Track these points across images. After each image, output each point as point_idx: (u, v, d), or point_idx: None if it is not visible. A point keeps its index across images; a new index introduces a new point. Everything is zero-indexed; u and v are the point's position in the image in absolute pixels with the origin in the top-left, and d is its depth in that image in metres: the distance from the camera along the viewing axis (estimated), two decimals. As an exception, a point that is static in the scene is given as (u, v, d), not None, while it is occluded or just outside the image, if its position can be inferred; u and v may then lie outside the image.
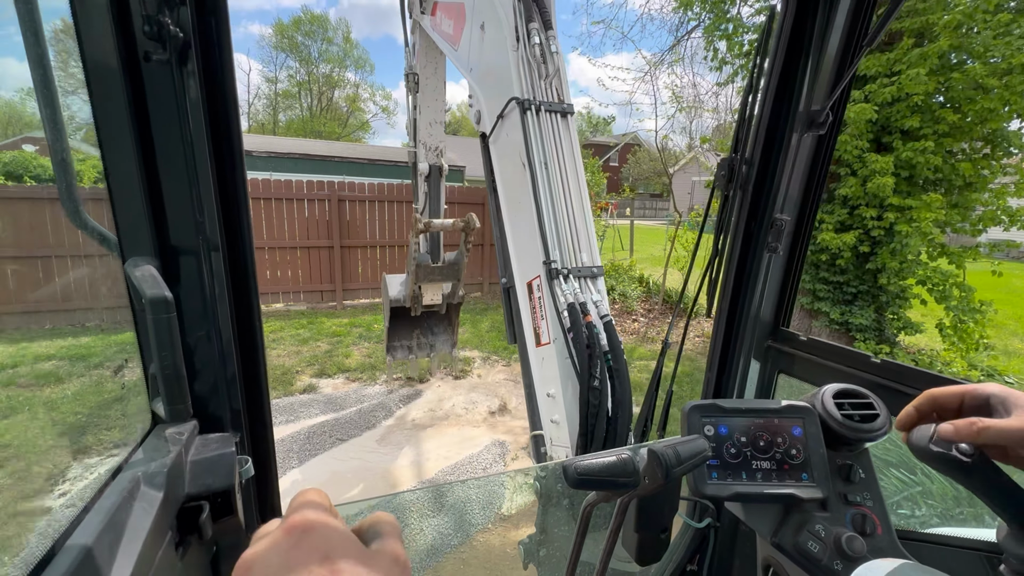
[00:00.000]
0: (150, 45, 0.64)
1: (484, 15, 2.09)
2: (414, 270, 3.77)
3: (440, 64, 3.67)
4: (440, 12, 2.70)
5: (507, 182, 1.99)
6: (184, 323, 0.74)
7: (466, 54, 2.32)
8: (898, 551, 0.87)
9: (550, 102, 1.87)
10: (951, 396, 0.71)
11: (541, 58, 1.89)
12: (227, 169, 0.75)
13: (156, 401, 0.73)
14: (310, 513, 0.40)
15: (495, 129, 2.00)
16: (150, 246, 0.71)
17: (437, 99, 3.81)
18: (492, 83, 2.06)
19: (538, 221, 1.72)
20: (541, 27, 1.92)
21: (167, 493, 0.61)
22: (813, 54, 1.25)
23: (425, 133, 3.88)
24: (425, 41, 3.37)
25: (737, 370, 1.53)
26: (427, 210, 4.05)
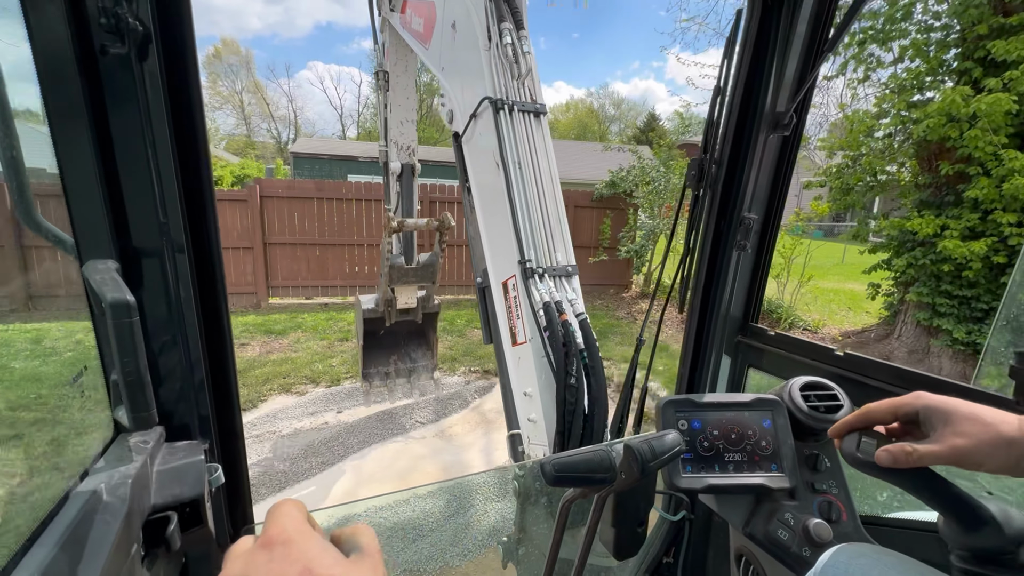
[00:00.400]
0: (107, 38, 0.62)
1: (455, 13, 2.08)
2: (387, 272, 3.69)
3: (411, 62, 3.63)
4: (410, 10, 2.67)
5: (481, 182, 2.00)
6: (148, 327, 0.72)
7: (437, 53, 2.31)
8: (862, 535, 0.91)
9: (523, 102, 1.88)
10: (884, 411, 0.75)
11: (513, 58, 1.89)
12: (192, 168, 0.73)
13: (119, 409, 0.70)
14: (288, 525, 0.40)
15: (468, 128, 2.00)
16: (110, 248, 0.68)
17: (408, 97, 3.76)
18: (464, 82, 2.05)
19: (513, 220, 1.73)
20: (513, 27, 1.93)
21: (132, 504, 0.58)
22: (777, 58, 1.29)
23: (396, 132, 3.83)
24: (395, 39, 3.34)
25: (709, 365, 1.56)
26: (400, 210, 3.98)
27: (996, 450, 0.64)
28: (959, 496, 0.68)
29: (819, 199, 8.26)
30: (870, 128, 6.91)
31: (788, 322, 8.26)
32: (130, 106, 0.66)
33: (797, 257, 8.29)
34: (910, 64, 6.42)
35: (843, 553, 0.73)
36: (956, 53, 6.02)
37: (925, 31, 6.24)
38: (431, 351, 4.52)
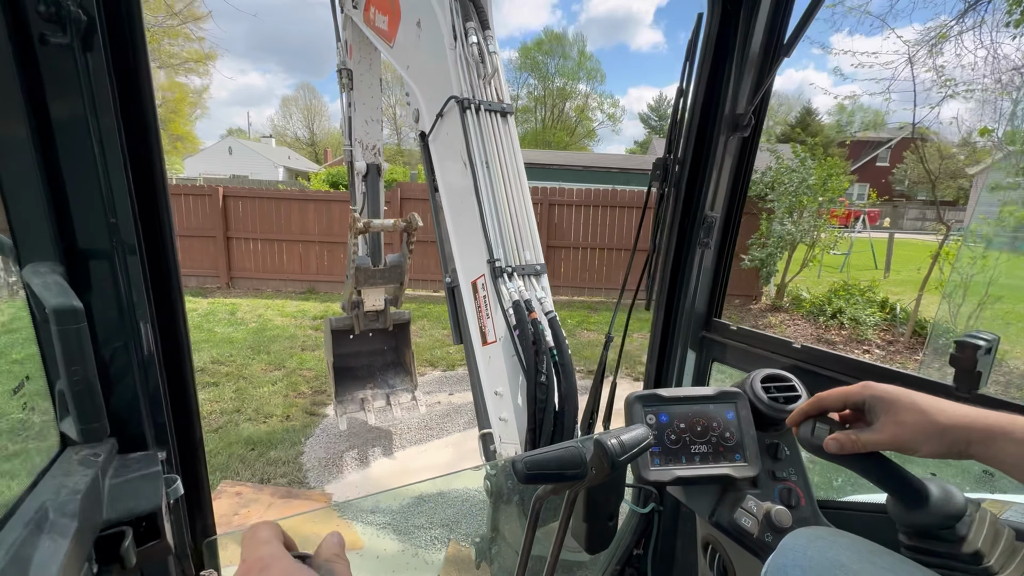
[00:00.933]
0: (47, 27, 0.58)
1: (420, 12, 2.06)
2: (353, 274, 3.59)
3: (375, 60, 3.55)
4: (373, 7, 2.62)
5: (448, 181, 1.98)
6: (97, 333, 0.68)
7: (402, 51, 2.27)
8: (819, 519, 0.95)
9: (490, 102, 1.87)
10: (835, 399, 0.81)
11: (479, 57, 1.89)
12: (144, 164, 0.69)
13: (66, 421, 0.66)
14: (264, 551, 0.42)
15: (435, 128, 1.98)
16: (53, 250, 0.64)
17: (373, 96, 3.68)
18: (430, 81, 2.03)
19: (481, 220, 1.72)
20: (478, 26, 1.92)
21: (82, 521, 0.55)
22: (737, 61, 1.33)
23: (361, 131, 3.75)
24: (358, 37, 3.26)
25: (675, 360, 1.60)
26: (366, 210, 3.89)
27: (931, 437, 0.69)
28: (904, 477, 0.74)
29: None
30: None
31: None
32: (74, 99, 0.62)
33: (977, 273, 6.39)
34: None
35: (801, 536, 0.77)
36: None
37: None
38: (408, 373, 4.33)
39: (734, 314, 9.13)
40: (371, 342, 4.33)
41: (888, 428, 0.73)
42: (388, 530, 2.24)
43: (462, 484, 1.91)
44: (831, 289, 8.62)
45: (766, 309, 9.36)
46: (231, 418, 4.60)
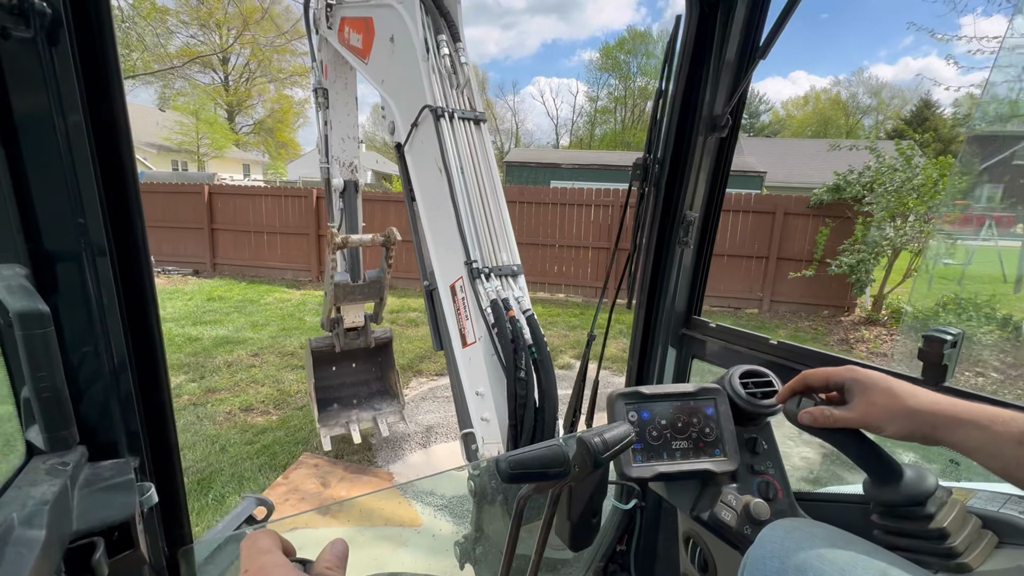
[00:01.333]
0: (9, 20, 0.55)
1: (393, 28, 2.11)
2: (332, 290, 3.55)
3: (350, 79, 3.62)
4: (348, 27, 2.66)
5: (425, 189, 2.01)
6: (65, 338, 0.65)
7: (377, 67, 2.33)
8: (796, 511, 0.98)
9: (463, 110, 1.94)
10: (818, 377, 0.86)
11: (452, 68, 1.96)
12: (113, 163, 0.67)
13: (32, 430, 0.64)
14: (266, 560, 0.43)
15: (410, 138, 2.03)
16: (18, 252, 0.62)
17: (349, 114, 3.75)
18: (405, 94, 2.08)
19: (457, 223, 1.76)
20: (450, 39, 2.00)
21: (50, 533, 0.53)
22: (714, 62, 1.35)
23: (338, 148, 3.79)
24: (333, 56, 3.31)
25: (656, 357, 1.62)
26: (343, 226, 3.90)
27: (897, 418, 0.73)
28: (879, 456, 0.78)
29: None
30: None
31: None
32: (38, 95, 0.60)
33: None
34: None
35: (779, 528, 0.79)
36: None
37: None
38: (395, 396, 4.21)
39: (821, 326, 8.23)
40: (355, 371, 4.25)
41: (860, 407, 0.77)
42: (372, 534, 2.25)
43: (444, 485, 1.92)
44: (939, 302, 7.27)
45: (859, 322, 8.32)
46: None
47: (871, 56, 78.83)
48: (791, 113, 52.18)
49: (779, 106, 54.32)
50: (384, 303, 3.89)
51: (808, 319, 8.72)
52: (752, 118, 49.66)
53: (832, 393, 0.86)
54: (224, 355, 6.13)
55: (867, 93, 47.20)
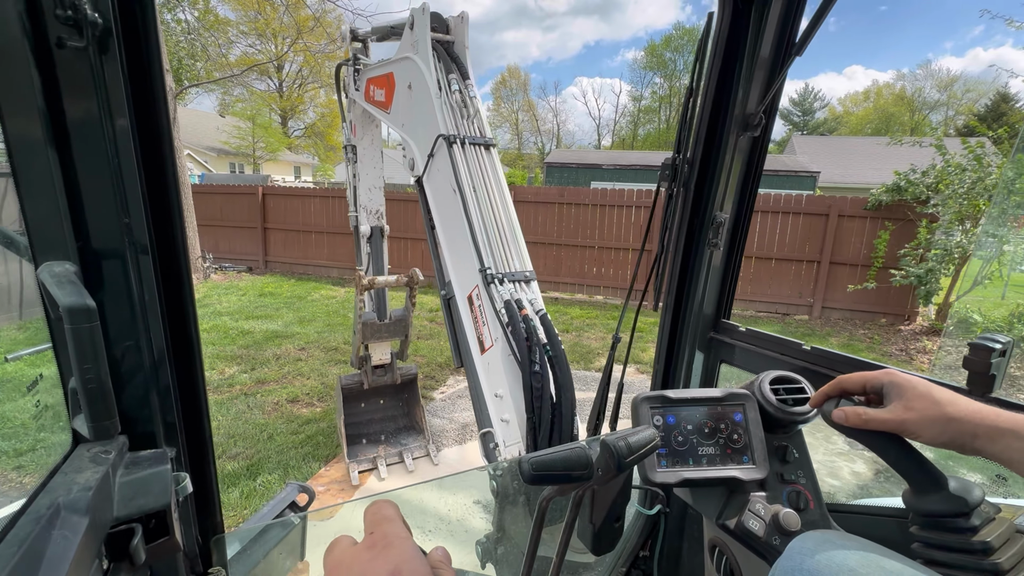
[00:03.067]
0: (64, 30, 0.59)
1: (410, 76, 2.43)
2: (360, 329, 3.81)
3: (376, 136, 4.02)
4: (373, 86, 3.07)
5: (442, 210, 2.21)
6: (109, 332, 0.69)
7: (397, 113, 2.67)
8: (828, 522, 0.94)
9: (474, 137, 2.17)
10: (854, 382, 0.84)
11: (462, 102, 2.22)
12: (156, 166, 0.70)
13: (78, 419, 0.67)
14: (390, 529, 0.45)
15: (427, 168, 2.25)
16: (68, 250, 0.65)
17: (375, 167, 4.10)
18: (421, 130, 2.33)
19: (471, 234, 1.92)
20: (459, 77, 2.31)
21: (92, 518, 0.56)
22: (747, 60, 1.32)
23: (365, 198, 4.12)
24: (361, 115, 3.75)
25: (683, 361, 1.59)
26: (370, 269, 4.19)
27: (935, 424, 0.71)
28: (920, 462, 0.74)
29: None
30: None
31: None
32: (89, 101, 0.63)
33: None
34: None
35: (810, 539, 0.76)
36: None
37: None
38: (421, 432, 4.35)
39: (878, 335, 7.82)
40: (383, 408, 4.48)
41: (897, 410, 0.75)
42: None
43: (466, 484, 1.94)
44: (1014, 312, 6.64)
45: (921, 331, 7.91)
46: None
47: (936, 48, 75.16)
48: (849, 110, 49.24)
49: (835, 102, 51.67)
50: (409, 340, 4.15)
51: (864, 327, 8.23)
52: (806, 115, 47.31)
53: (868, 396, 0.84)
54: (273, 348, 6.43)
55: (935, 87, 44.03)
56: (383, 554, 0.42)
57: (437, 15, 2.45)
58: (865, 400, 0.83)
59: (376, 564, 0.41)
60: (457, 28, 2.48)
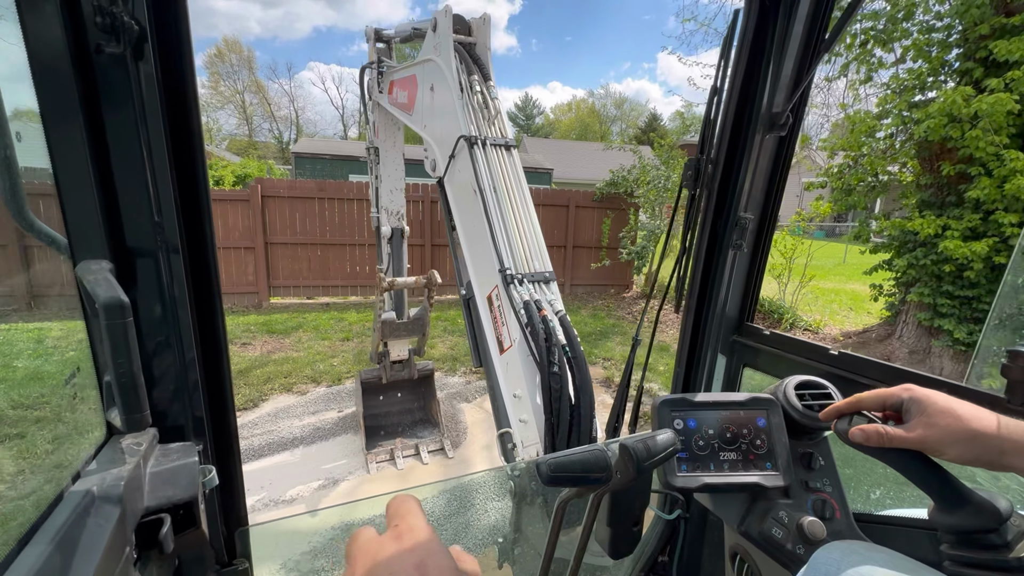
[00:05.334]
0: (102, 37, 0.61)
1: (433, 77, 2.45)
2: (380, 327, 3.99)
3: (398, 138, 4.09)
4: (396, 88, 3.13)
5: (463, 211, 2.23)
6: (142, 328, 0.71)
7: (420, 114, 2.69)
8: (855, 533, 0.92)
9: (495, 138, 2.17)
10: (872, 401, 0.81)
11: (484, 104, 2.24)
12: (187, 168, 0.72)
13: (112, 411, 0.70)
14: (416, 522, 0.45)
15: (448, 169, 2.26)
16: (104, 248, 0.67)
17: (397, 168, 4.19)
18: (443, 131, 2.35)
19: (491, 235, 1.92)
20: (481, 79, 2.32)
21: (124, 507, 0.58)
22: (774, 58, 1.29)
23: (387, 199, 4.23)
24: (383, 117, 3.81)
25: (705, 364, 1.57)
26: (390, 269, 4.32)
27: (960, 441, 0.69)
28: (944, 478, 0.72)
29: (820, 199, 8.04)
30: (871, 128, 6.79)
31: (789, 322, 8.20)
32: (125, 105, 0.65)
33: (798, 258, 8.52)
34: (911, 65, 6.37)
35: (836, 550, 0.74)
36: (958, 53, 6.01)
37: (927, 31, 6.21)
38: (436, 425, 4.54)
39: (610, 302, 10.19)
40: (400, 400, 4.68)
41: (918, 428, 0.73)
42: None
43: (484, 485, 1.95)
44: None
45: (637, 297, 10.69)
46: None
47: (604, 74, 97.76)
48: (558, 118, 56.64)
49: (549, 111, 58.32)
50: (426, 338, 4.32)
51: (601, 298, 10.55)
52: (528, 119, 54.25)
53: (886, 413, 0.81)
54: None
55: (613, 104, 55.79)
56: (408, 546, 0.42)
57: (460, 17, 2.47)
58: (884, 418, 0.80)
59: (402, 556, 0.41)
60: (479, 30, 2.50)
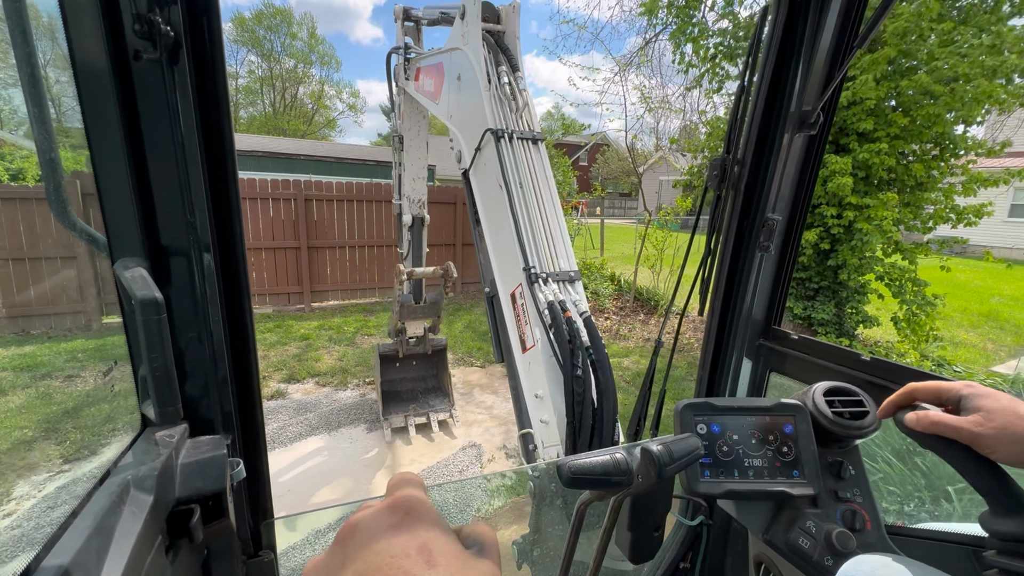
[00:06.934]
0: (140, 44, 0.63)
1: (460, 67, 2.39)
2: (398, 309, 4.26)
3: (422, 127, 4.08)
4: (423, 75, 3.10)
5: (487, 205, 2.18)
6: (175, 324, 0.74)
7: (446, 104, 2.64)
8: (887, 546, 0.88)
9: (522, 131, 2.12)
10: (928, 391, 0.79)
11: (511, 95, 2.17)
12: (219, 169, 0.74)
13: (146, 404, 0.72)
14: (411, 494, 0.39)
15: (474, 162, 2.22)
16: (140, 247, 0.70)
17: (420, 157, 4.20)
18: (469, 123, 2.29)
19: (516, 233, 1.89)
20: (509, 69, 2.25)
21: (157, 497, 0.60)
22: (804, 55, 1.26)
23: (409, 187, 4.28)
24: (409, 105, 3.80)
25: (729, 369, 1.54)
26: (410, 257, 4.46)
27: (1018, 443, 0.66)
28: (1004, 480, 0.69)
29: (688, 196, 9.51)
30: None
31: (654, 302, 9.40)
32: (160, 109, 0.68)
33: (667, 249, 9.49)
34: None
35: (866, 563, 0.72)
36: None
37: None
38: (446, 395, 4.93)
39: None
40: (415, 368, 5.07)
41: (974, 420, 0.70)
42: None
43: (503, 484, 1.95)
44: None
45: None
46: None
47: None
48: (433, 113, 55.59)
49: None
50: (441, 319, 4.60)
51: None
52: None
53: (945, 409, 0.78)
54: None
55: None
56: (406, 522, 0.36)
57: (488, 5, 2.40)
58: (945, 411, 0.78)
59: (398, 533, 0.35)
60: (508, 18, 2.42)
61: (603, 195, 15.79)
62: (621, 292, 10.11)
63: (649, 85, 10.96)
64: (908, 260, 6.13)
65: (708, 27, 7.50)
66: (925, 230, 6.19)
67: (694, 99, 10.24)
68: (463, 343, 7.38)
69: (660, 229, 9.65)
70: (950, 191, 6.06)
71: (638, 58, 10.32)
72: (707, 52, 7.47)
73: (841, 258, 6.19)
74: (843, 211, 6.03)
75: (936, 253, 6.17)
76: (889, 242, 6.05)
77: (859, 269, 6.25)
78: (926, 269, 6.30)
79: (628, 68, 10.67)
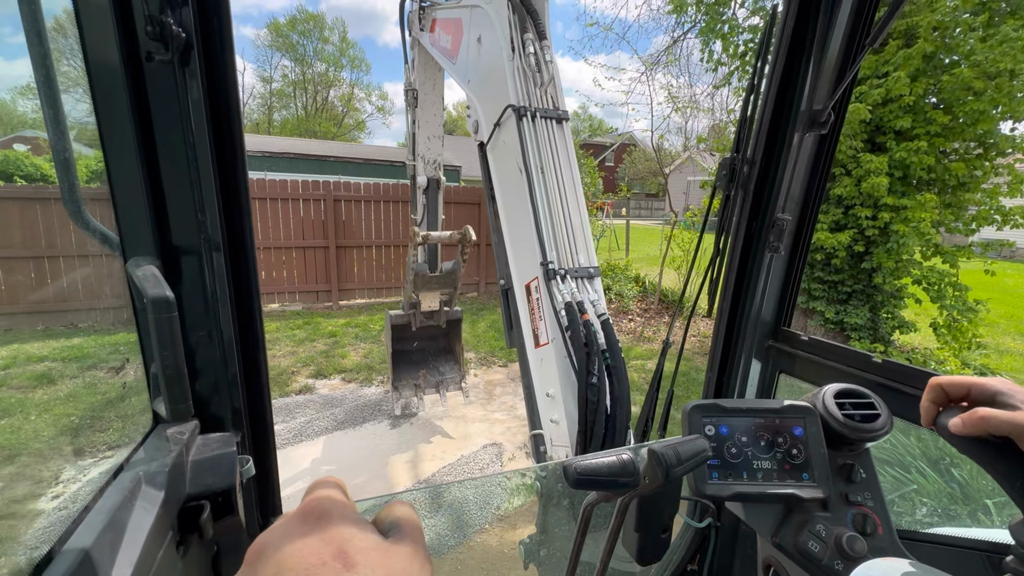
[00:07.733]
0: (152, 45, 0.64)
1: (481, 27, 2.15)
2: (412, 279, 3.90)
3: (438, 80, 3.76)
4: (439, 28, 2.80)
5: (505, 188, 2.03)
6: (185, 323, 0.74)
7: (464, 66, 2.39)
8: (899, 551, 0.87)
9: (545, 109, 1.92)
10: (958, 386, 0.73)
11: (536, 67, 1.92)
12: (229, 169, 0.75)
13: (157, 401, 0.73)
14: (324, 496, 0.37)
15: (492, 137, 2.04)
16: (152, 246, 0.71)
17: (435, 114, 3.89)
18: (489, 93, 2.10)
19: (535, 223, 1.75)
20: (535, 37, 1.97)
21: (168, 493, 0.61)
22: (815, 54, 1.24)
23: (424, 147, 3.97)
24: (424, 57, 3.46)
25: (738, 370, 1.52)
26: (425, 222, 4.16)
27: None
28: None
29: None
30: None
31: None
32: (172, 110, 0.68)
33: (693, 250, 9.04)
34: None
35: (877, 568, 0.71)
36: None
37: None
38: (457, 363, 4.70)
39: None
40: (428, 336, 4.76)
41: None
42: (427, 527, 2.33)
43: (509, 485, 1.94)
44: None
45: None
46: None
47: None
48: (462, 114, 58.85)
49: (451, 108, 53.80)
50: (458, 291, 4.23)
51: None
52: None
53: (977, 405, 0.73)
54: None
55: None
56: (319, 526, 0.34)
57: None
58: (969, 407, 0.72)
59: (311, 540, 0.33)
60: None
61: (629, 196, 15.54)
62: (646, 294, 9.94)
63: (676, 84, 10.92)
64: (948, 263, 5.86)
65: (739, 23, 7.26)
66: (968, 232, 5.88)
67: (722, 98, 10.09)
68: (485, 342, 7.38)
69: (687, 230, 9.45)
70: (995, 191, 5.71)
71: (665, 57, 10.20)
72: (736, 49, 7.23)
73: (876, 261, 5.95)
74: (878, 212, 5.77)
75: (980, 256, 5.91)
76: (928, 244, 5.83)
77: (895, 272, 6.03)
78: (969, 273, 6.07)
79: (655, 67, 10.53)
